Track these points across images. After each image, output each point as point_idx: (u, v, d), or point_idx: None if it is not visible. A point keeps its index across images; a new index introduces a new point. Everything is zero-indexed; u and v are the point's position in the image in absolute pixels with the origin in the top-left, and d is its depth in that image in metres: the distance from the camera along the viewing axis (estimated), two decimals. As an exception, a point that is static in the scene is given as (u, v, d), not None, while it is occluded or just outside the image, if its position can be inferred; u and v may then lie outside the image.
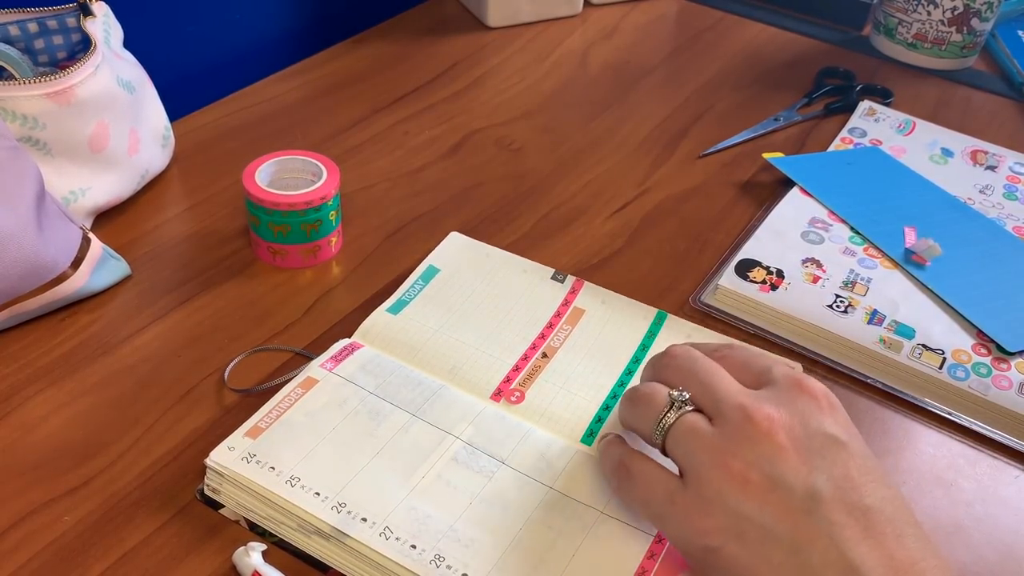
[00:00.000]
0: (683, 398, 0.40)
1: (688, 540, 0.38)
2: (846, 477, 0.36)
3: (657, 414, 0.40)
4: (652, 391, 0.41)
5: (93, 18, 0.59)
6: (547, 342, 0.53)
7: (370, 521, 0.41)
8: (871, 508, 0.36)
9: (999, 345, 0.54)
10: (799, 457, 0.37)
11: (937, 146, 0.74)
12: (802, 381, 0.40)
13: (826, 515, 0.35)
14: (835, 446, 0.37)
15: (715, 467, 0.37)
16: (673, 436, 0.40)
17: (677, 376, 0.42)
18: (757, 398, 0.39)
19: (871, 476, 0.37)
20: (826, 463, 0.37)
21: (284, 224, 0.56)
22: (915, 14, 0.85)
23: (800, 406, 0.38)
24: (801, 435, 0.37)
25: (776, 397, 0.39)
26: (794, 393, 0.39)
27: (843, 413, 0.40)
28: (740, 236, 0.64)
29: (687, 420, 0.39)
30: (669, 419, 0.40)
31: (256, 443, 0.44)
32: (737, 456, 0.37)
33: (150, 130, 0.63)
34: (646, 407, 0.41)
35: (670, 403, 0.40)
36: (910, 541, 0.35)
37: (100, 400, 0.49)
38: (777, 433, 0.37)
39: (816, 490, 0.36)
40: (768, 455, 0.37)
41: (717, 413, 0.39)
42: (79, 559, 0.41)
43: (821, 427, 0.38)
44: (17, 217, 0.48)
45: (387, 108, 0.75)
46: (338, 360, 0.49)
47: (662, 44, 0.89)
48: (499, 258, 0.59)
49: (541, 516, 0.42)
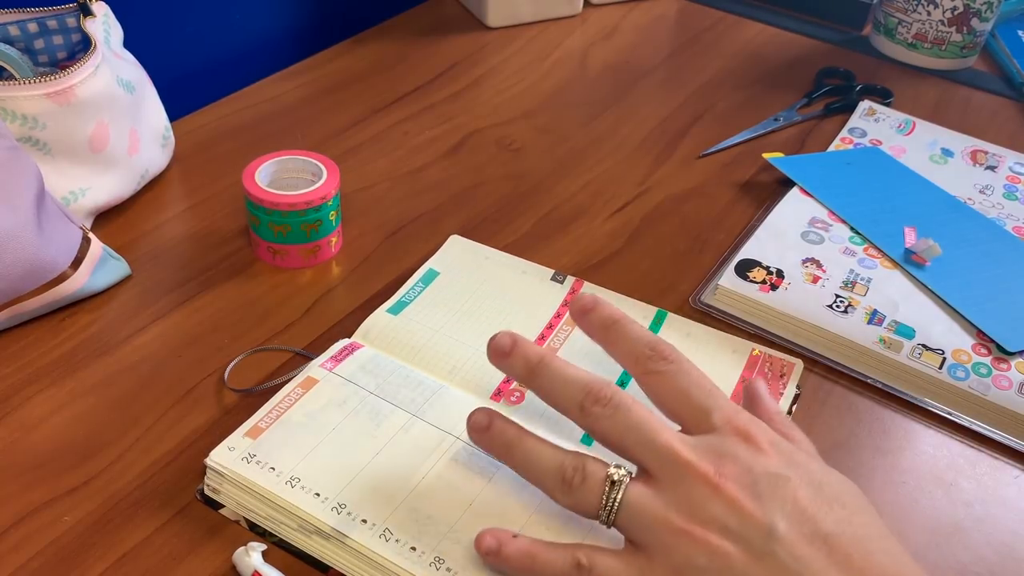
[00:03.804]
0: (623, 474, 0.39)
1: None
2: (799, 510, 0.36)
3: (599, 497, 0.38)
4: (586, 473, 0.39)
5: (93, 18, 0.59)
6: (547, 343, 0.53)
7: (370, 522, 0.41)
8: (831, 534, 0.36)
9: (999, 345, 0.54)
10: (752, 504, 0.37)
11: (937, 146, 0.74)
12: (740, 427, 0.39)
13: (789, 552, 0.35)
14: (781, 483, 0.37)
15: (676, 535, 0.37)
16: (623, 516, 0.38)
17: (611, 431, 0.39)
18: (699, 450, 0.38)
19: (823, 501, 0.37)
20: (777, 502, 0.37)
21: (284, 224, 0.56)
22: (915, 14, 0.85)
23: (741, 453, 0.38)
24: (748, 482, 0.37)
25: (719, 446, 0.38)
26: (734, 441, 0.39)
27: (783, 445, 0.39)
28: (740, 236, 0.64)
29: (633, 496, 0.38)
30: (615, 499, 0.38)
31: (256, 443, 0.44)
32: (694, 518, 0.37)
33: (150, 130, 0.63)
34: (585, 491, 0.39)
35: (610, 483, 0.38)
36: (879, 557, 0.36)
37: (100, 400, 0.49)
38: (726, 485, 0.37)
39: (774, 531, 0.36)
40: (723, 510, 0.37)
41: (662, 474, 0.38)
42: (79, 559, 0.41)
43: (765, 469, 0.38)
44: (17, 217, 0.48)
45: (387, 108, 0.75)
46: (338, 360, 0.49)
47: (662, 44, 0.89)
48: (499, 260, 0.59)
49: (540, 518, 0.42)
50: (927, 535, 0.46)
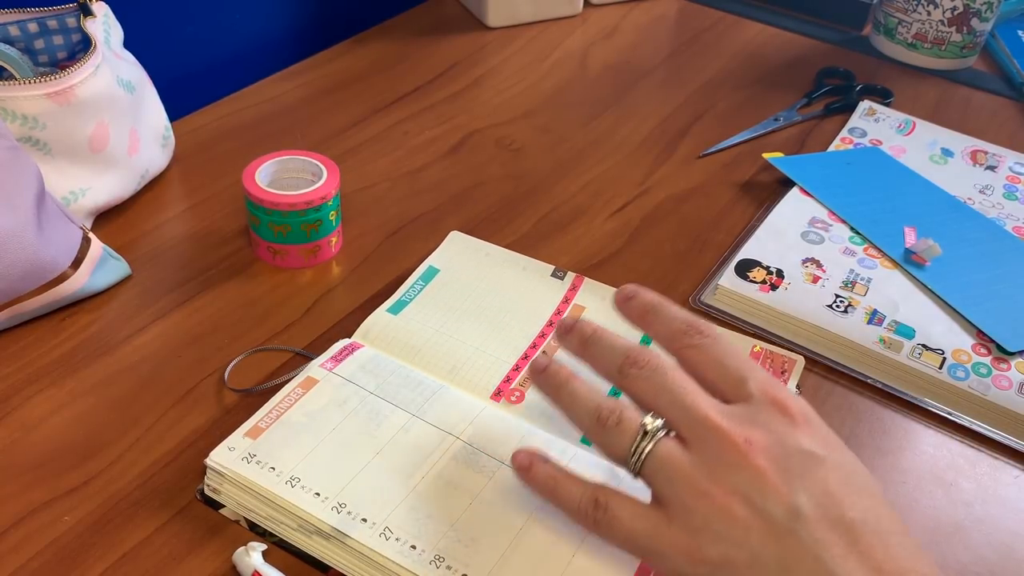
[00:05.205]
0: (656, 425, 0.39)
1: (679, 572, 0.37)
2: (826, 493, 0.36)
3: (631, 442, 0.39)
4: (622, 416, 0.39)
5: (93, 18, 0.59)
6: (548, 341, 0.53)
7: (370, 521, 0.41)
8: (855, 521, 0.36)
9: (999, 345, 0.54)
10: (779, 478, 0.36)
11: (937, 146, 0.74)
12: (777, 397, 0.39)
13: (810, 534, 0.35)
14: (813, 462, 0.37)
15: (698, 497, 0.37)
16: (650, 466, 0.38)
17: (648, 392, 0.40)
18: (733, 418, 0.38)
19: (852, 488, 0.37)
20: (806, 482, 0.36)
21: (284, 224, 0.56)
22: (915, 14, 0.85)
23: (776, 425, 0.38)
24: (779, 455, 0.37)
25: (752, 416, 0.38)
26: (770, 412, 0.39)
27: (820, 426, 0.39)
28: (740, 236, 0.64)
29: (664, 449, 0.38)
30: (645, 448, 0.39)
31: (256, 443, 0.44)
32: (719, 483, 0.37)
33: (150, 130, 0.63)
34: (618, 433, 0.39)
35: (643, 432, 0.39)
36: (897, 551, 0.35)
37: (100, 400, 0.49)
38: (756, 456, 0.37)
39: (798, 510, 0.36)
40: (749, 480, 0.37)
41: (692, 436, 0.38)
42: (79, 559, 0.41)
43: (798, 445, 0.37)
44: (17, 217, 0.48)
45: (387, 108, 0.75)
46: (338, 360, 0.49)
47: (662, 44, 0.89)
48: (499, 256, 0.59)
49: (541, 516, 0.42)
50: (927, 535, 0.46)
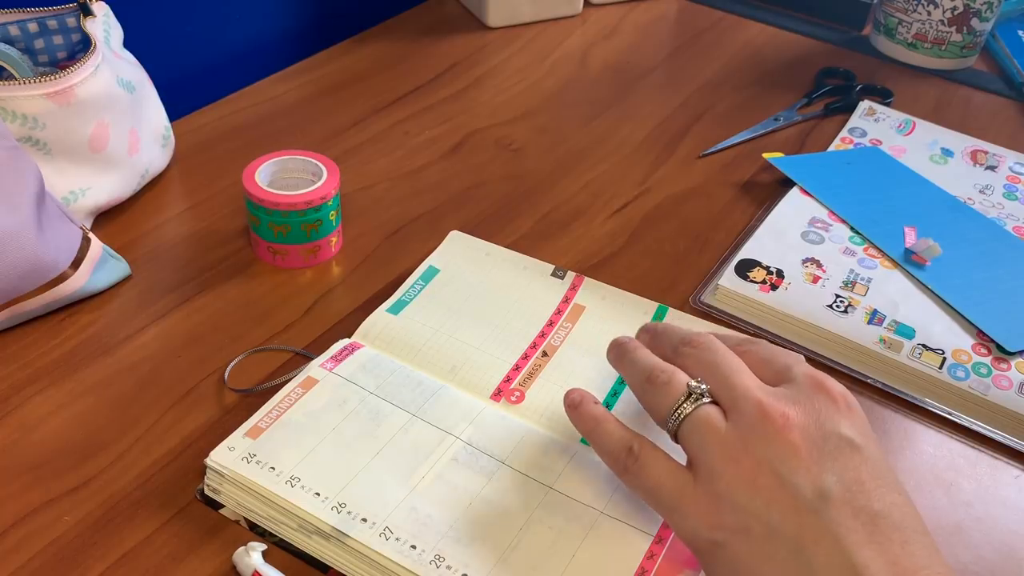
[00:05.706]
0: (701, 389, 0.40)
1: (695, 533, 0.38)
2: (857, 480, 0.36)
3: (674, 401, 0.40)
4: (671, 377, 0.41)
5: (93, 18, 0.59)
6: (547, 340, 0.53)
7: (370, 521, 0.41)
8: (879, 513, 0.36)
9: (999, 345, 0.54)
10: (811, 457, 0.37)
11: (937, 146, 0.74)
12: (822, 381, 0.40)
13: (833, 516, 0.35)
14: (849, 449, 0.37)
15: (727, 462, 0.37)
16: (687, 426, 0.40)
17: (697, 366, 0.42)
18: (775, 395, 0.39)
19: (882, 481, 0.37)
20: (838, 465, 0.37)
21: (284, 224, 0.56)
22: (915, 14, 0.85)
23: (817, 406, 0.38)
24: (816, 435, 0.37)
25: (794, 396, 0.39)
26: (813, 393, 0.39)
27: (861, 416, 0.39)
28: (740, 236, 0.64)
29: (703, 412, 0.39)
30: (685, 409, 0.40)
31: (256, 443, 0.44)
32: (749, 453, 0.37)
33: (150, 130, 0.63)
34: (664, 392, 0.41)
35: (688, 393, 0.40)
36: (915, 548, 0.35)
37: (100, 400, 0.49)
38: (791, 432, 0.37)
39: (825, 491, 0.36)
40: (780, 454, 0.37)
41: (733, 408, 0.39)
42: (79, 559, 0.41)
43: (837, 429, 0.38)
44: (17, 217, 0.48)
45: (387, 108, 0.75)
46: (338, 360, 0.49)
47: (662, 44, 0.89)
48: (499, 255, 0.59)
49: (541, 516, 0.42)
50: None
